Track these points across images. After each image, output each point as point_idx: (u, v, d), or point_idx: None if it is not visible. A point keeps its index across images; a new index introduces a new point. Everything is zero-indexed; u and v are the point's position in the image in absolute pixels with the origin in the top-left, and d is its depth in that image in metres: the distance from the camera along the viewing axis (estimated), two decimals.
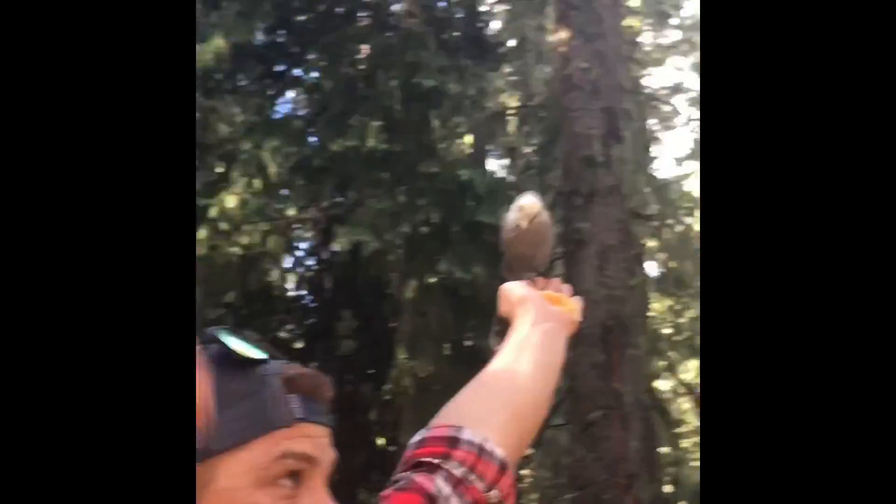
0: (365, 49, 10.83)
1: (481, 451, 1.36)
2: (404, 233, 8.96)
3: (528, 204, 1.92)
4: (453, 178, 9.11)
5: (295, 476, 1.13)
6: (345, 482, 10.85)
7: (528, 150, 12.85)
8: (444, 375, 9.66)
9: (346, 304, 11.71)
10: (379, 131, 9.16)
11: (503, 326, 1.79)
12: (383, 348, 10.86)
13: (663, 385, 15.39)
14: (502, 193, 9.13)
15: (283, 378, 1.17)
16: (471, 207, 9.08)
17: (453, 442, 1.36)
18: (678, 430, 14.47)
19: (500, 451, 1.38)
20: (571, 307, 1.79)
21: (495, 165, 13.67)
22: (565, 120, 9.22)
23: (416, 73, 9.53)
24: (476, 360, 9.06)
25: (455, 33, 11.32)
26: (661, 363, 12.86)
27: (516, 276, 1.88)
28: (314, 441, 1.16)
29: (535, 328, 1.66)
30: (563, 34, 9.41)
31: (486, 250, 9.19)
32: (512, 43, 12.46)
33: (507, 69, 12.55)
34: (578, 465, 8.05)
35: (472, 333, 10.39)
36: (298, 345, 11.97)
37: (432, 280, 9.65)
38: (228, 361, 1.15)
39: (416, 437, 1.41)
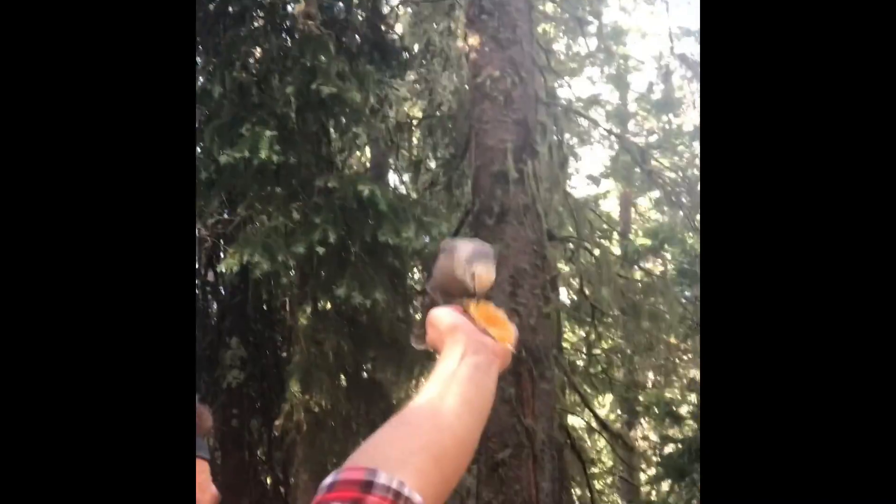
0: (258, 52, 10.73)
1: (397, 497, 1.31)
2: (298, 253, 8.85)
3: (486, 279, 1.81)
4: (353, 194, 9.03)
5: None
6: None
7: (433, 164, 12.85)
8: (340, 410, 9.59)
9: (234, 331, 11.56)
10: (272, 142, 9.02)
11: (424, 330, 1.76)
12: (274, 380, 10.76)
13: (577, 421, 15.50)
14: (406, 211, 9.09)
15: None
16: (372, 226, 9.03)
17: (366, 486, 1.31)
18: (592, 469, 14.57)
19: (418, 498, 1.33)
20: (506, 335, 1.75)
21: (398, 180, 13.66)
22: (475, 132, 9.22)
23: (313, 78, 9.45)
24: (375, 393, 8.97)
25: (356, 37, 11.29)
26: (575, 398, 12.91)
27: (445, 301, 1.82)
28: None
29: (464, 361, 1.62)
30: (473, 40, 9.43)
31: (387, 273, 9.14)
32: (417, 48, 12.46)
33: (411, 76, 12.54)
34: None
35: (370, 365, 10.34)
36: None
37: (328, 306, 9.57)
38: None
39: (327, 480, 1.35)
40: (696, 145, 19.70)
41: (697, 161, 20.09)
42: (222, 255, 10.32)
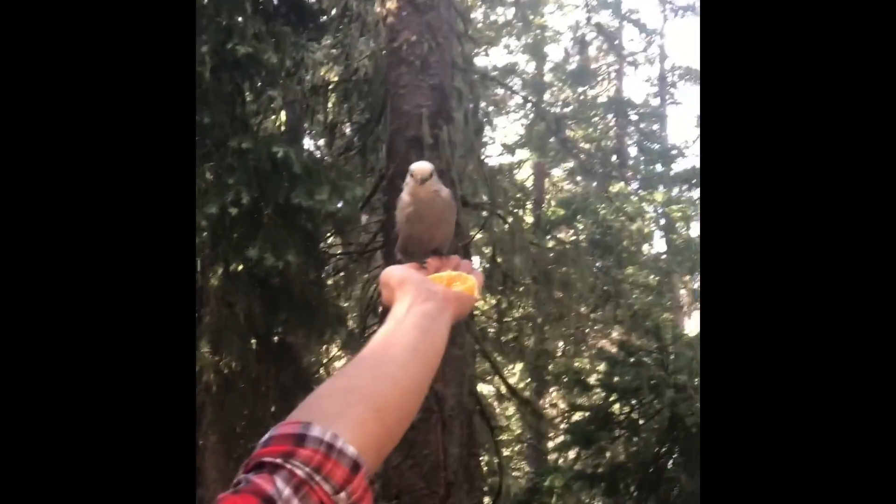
0: None
1: (329, 450, 1.32)
2: (211, 214, 8.76)
3: (419, 168, 1.88)
4: (267, 156, 8.96)
5: None
6: None
7: (349, 128, 12.79)
8: (250, 372, 9.54)
9: None
10: None
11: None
12: None
13: (486, 388, 15.59)
14: (320, 173, 9.05)
15: None
16: (286, 188, 8.96)
17: (300, 440, 1.32)
18: (501, 436, 14.67)
19: (351, 450, 1.34)
20: (468, 285, 1.77)
21: (313, 145, 13.58)
22: (391, 97, 9.21)
23: (228, 38, 9.34)
24: (286, 355, 8.89)
25: None
26: (485, 365, 12.99)
27: (409, 260, 1.87)
28: None
29: (411, 310, 1.64)
30: (391, 4, 9.39)
31: (300, 235, 9.10)
32: (334, 12, 12.38)
33: (328, 40, 12.45)
34: (394, 473, 8.04)
35: (282, 327, 10.29)
36: None
37: (240, 267, 9.50)
38: None
39: (265, 437, 1.37)
40: (611, 117, 19.87)
41: (611, 133, 20.30)
42: None
